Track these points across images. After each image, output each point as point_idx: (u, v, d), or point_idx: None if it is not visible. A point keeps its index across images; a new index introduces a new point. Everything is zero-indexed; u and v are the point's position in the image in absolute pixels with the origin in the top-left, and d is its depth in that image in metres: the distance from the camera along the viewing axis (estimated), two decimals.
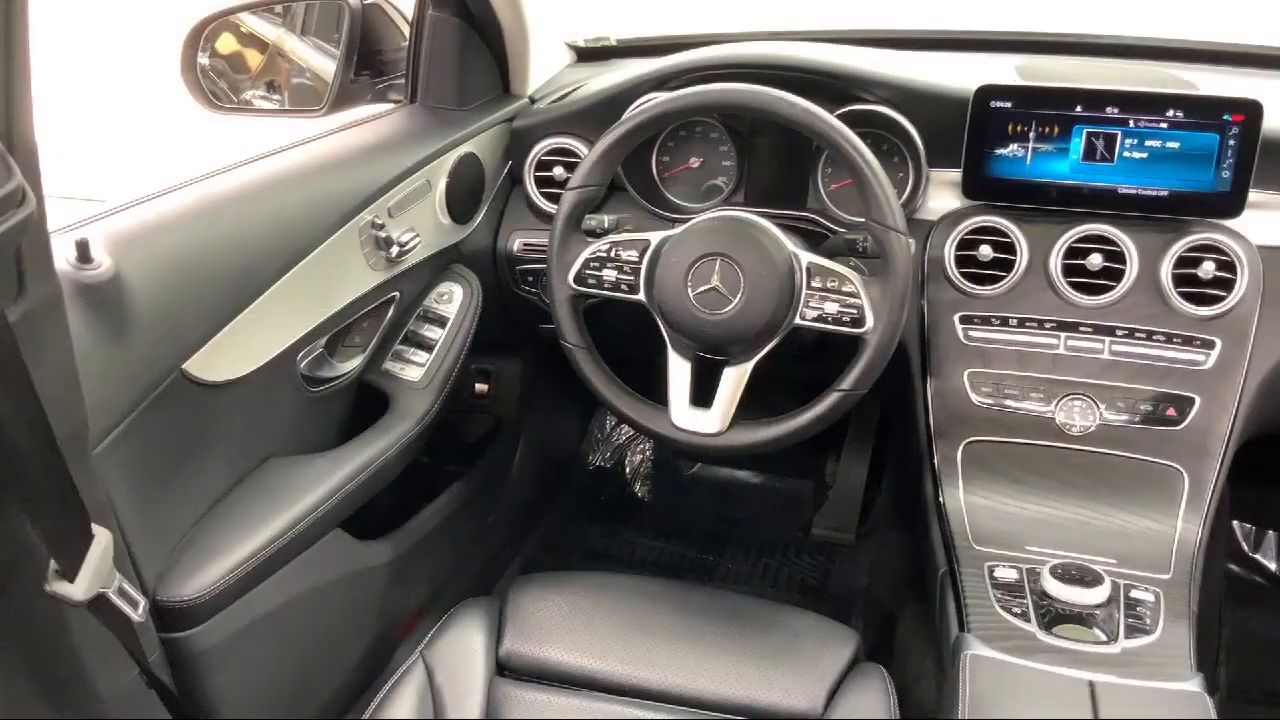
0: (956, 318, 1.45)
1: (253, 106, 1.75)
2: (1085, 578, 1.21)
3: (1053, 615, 1.18)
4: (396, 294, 1.51)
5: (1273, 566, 2.16)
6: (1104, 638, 1.14)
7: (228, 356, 1.18)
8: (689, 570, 2.18)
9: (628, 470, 2.46)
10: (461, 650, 1.26)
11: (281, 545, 1.23)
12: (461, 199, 1.59)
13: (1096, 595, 1.18)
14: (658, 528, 2.31)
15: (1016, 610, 1.19)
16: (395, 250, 1.43)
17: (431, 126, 1.57)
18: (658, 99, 1.34)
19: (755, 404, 1.33)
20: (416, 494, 1.69)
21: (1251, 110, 1.32)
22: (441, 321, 1.57)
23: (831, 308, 1.27)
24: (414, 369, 1.53)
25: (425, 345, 1.55)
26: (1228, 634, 1.93)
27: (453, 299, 1.60)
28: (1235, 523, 2.18)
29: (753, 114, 1.37)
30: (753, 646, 1.27)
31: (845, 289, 1.26)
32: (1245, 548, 2.17)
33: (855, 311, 1.25)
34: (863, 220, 1.27)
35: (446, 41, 1.59)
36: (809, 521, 2.29)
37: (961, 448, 1.41)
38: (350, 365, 1.45)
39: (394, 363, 1.54)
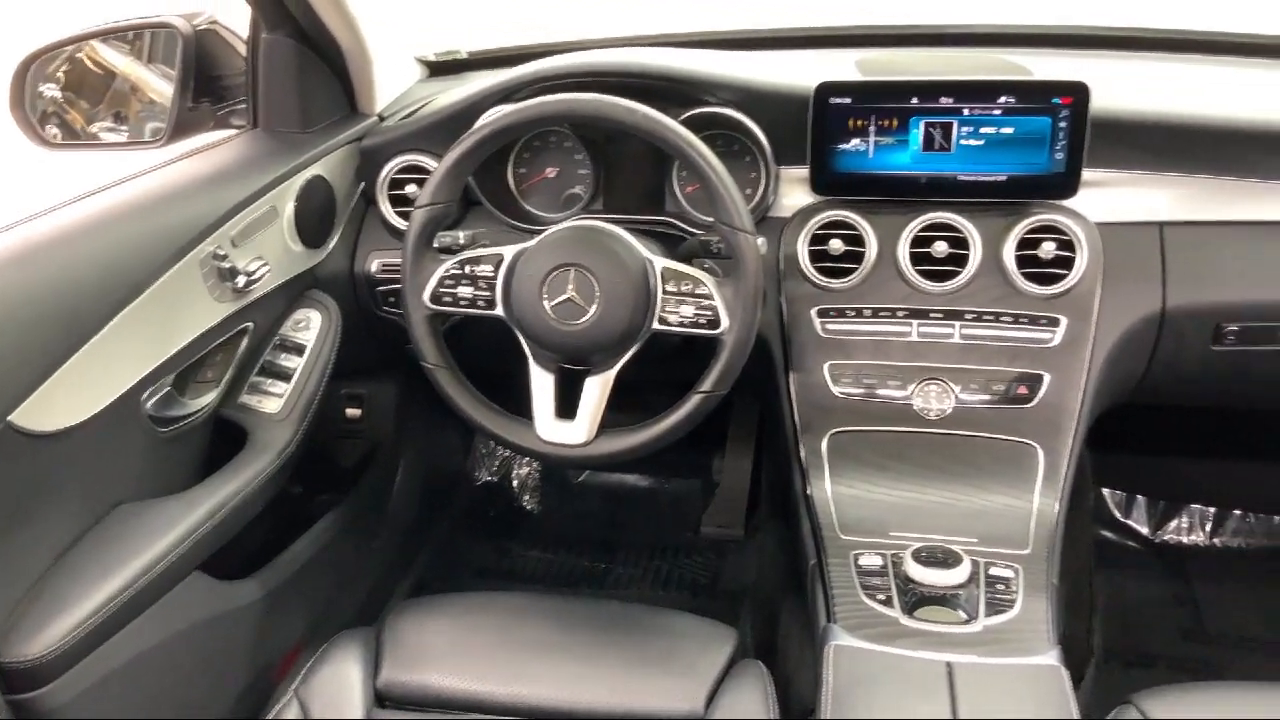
0: (814, 312, 1.47)
1: (95, 140, 1.69)
2: (946, 559, 1.23)
3: (916, 599, 1.20)
4: (250, 325, 1.47)
5: (1144, 530, 2.23)
6: (965, 617, 1.17)
7: (61, 403, 1.14)
8: (580, 579, 2.18)
9: (515, 483, 2.45)
10: (337, 684, 1.23)
11: (134, 594, 1.19)
12: (312, 223, 1.56)
13: (957, 575, 1.21)
14: (548, 539, 2.30)
15: (881, 597, 1.21)
16: (242, 280, 1.40)
17: (274, 151, 1.53)
18: (502, 112, 1.33)
19: (636, 407, 1.33)
20: (288, 527, 1.65)
21: (1079, 92, 1.36)
22: (299, 350, 1.54)
23: (687, 311, 1.27)
24: (272, 400, 1.49)
25: (283, 375, 1.51)
26: (1101, 600, 1.99)
27: (310, 326, 1.56)
28: (1105, 490, 2.25)
29: (596, 123, 1.36)
30: (633, 653, 1.27)
31: (699, 291, 1.27)
32: (1116, 514, 2.24)
33: (710, 313, 1.26)
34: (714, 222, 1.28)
35: (284, 64, 1.55)
36: (698, 521, 2.30)
37: (826, 439, 1.43)
38: (203, 401, 1.41)
39: (251, 395, 1.50)
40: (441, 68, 1.91)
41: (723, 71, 1.52)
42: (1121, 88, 1.57)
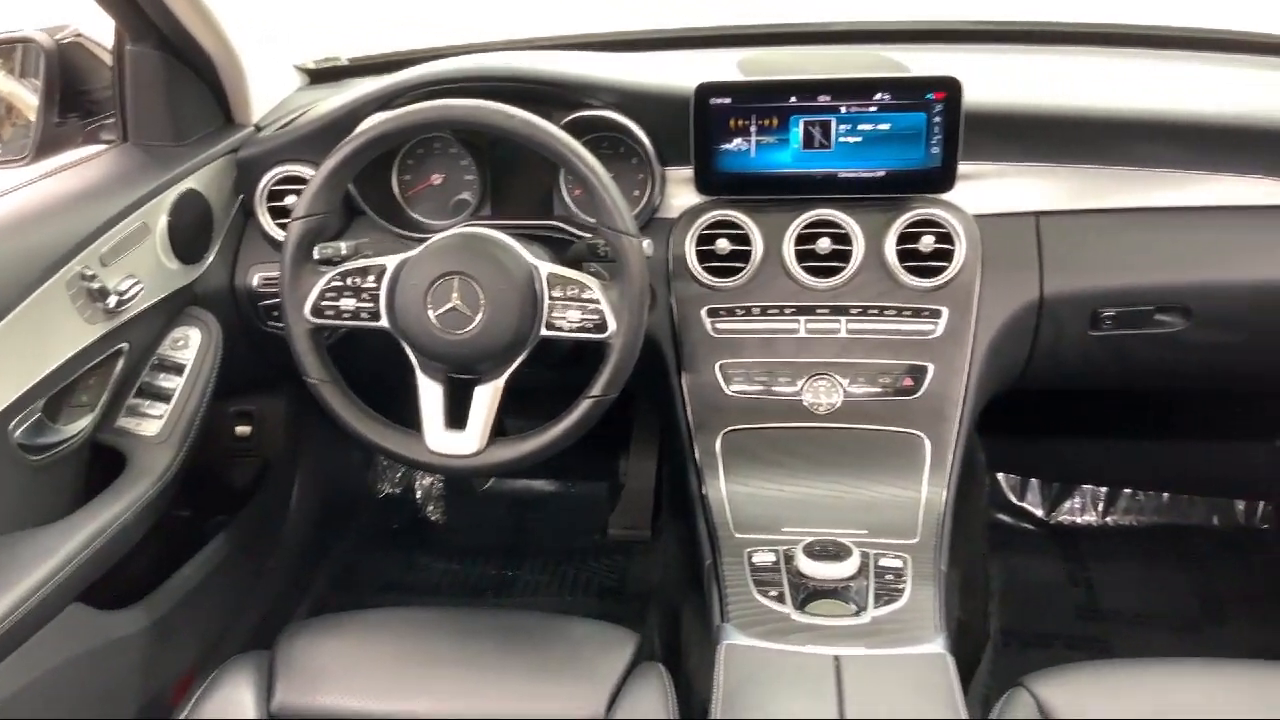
0: (704, 312, 1.47)
1: None
2: (837, 552, 1.24)
3: (808, 594, 1.21)
4: (124, 345, 1.42)
5: (1039, 513, 2.29)
6: (855, 609, 1.18)
7: None
8: (487, 589, 2.16)
9: (419, 495, 2.41)
10: (229, 710, 1.19)
11: (9, 628, 1.14)
12: (187, 238, 1.51)
13: (847, 568, 1.22)
14: (454, 549, 2.28)
15: (773, 593, 1.21)
16: (114, 300, 1.35)
17: (145, 165, 1.49)
18: (378, 120, 1.31)
19: (539, 413, 1.32)
20: (176, 551, 1.60)
21: (951, 87, 1.39)
22: (178, 369, 1.49)
23: (574, 315, 1.26)
24: (151, 422, 1.45)
25: (162, 396, 1.47)
26: (997, 584, 2.04)
27: (189, 344, 1.52)
28: (1000, 475, 2.30)
29: (475, 129, 1.35)
30: (533, 661, 1.25)
31: (585, 296, 1.26)
32: (1012, 498, 2.29)
33: (597, 317, 1.26)
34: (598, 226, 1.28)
35: (152, 76, 1.51)
36: (605, 523, 2.29)
37: (720, 438, 1.44)
38: (78, 426, 1.36)
39: (129, 418, 1.45)
40: (321, 75, 1.88)
41: (603, 74, 1.52)
42: (995, 81, 1.61)
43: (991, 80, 1.61)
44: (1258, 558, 2.15)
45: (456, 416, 1.30)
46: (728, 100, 1.42)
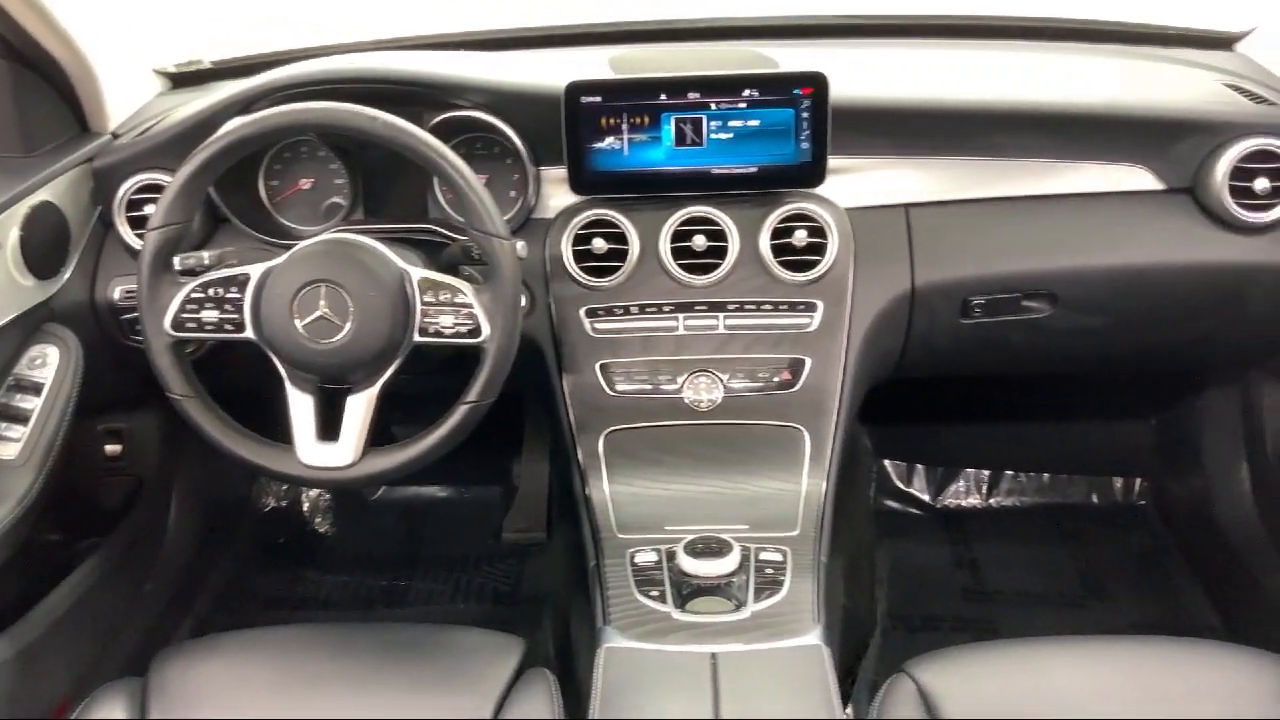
0: (582, 312, 1.46)
1: None
2: (718, 549, 1.24)
3: (689, 592, 1.21)
4: None
5: (926, 497, 2.33)
6: (735, 605, 1.19)
7: None
8: (378, 600, 2.12)
9: (305, 507, 2.36)
10: None
11: None
12: (41, 253, 1.45)
13: (727, 564, 1.22)
14: (344, 561, 2.23)
15: (655, 593, 1.21)
16: None
17: None
18: (234, 126, 1.27)
19: (425, 418, 1.29)
20: (43, 577, 1.54)
21: (818, 83, 1.40)
22: (36, 389, 1.43)
23: (447, 320, 1.24)
24: (8, 445, 1.38)
25: (19, 418, 1.40)
26: (885, 569, 2.07)
27: (47, 362, 1.46)
28: (887, 462, 2.34)
29: (335, 133, 1.32)
30: (416, 675, 1.23)
31: (458, 300, 1.24)
32: (899, 484, 2.33)
33: (471, 322, 1.24)
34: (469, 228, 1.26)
35: None
36: (499, 527, 2.27)
37: (603, 439, 1.43)
38: None
39: None
40: (183, 79, 1.82)
41: (472, 74, 1.50)
42: (865, 76, 1.63)
43: (861, 75, 1.63)
44: (1136, 534, 2.23)
45: (330, 428, 1.27)
46: (598, 98, 1.42)
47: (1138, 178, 1.53)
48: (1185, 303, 1.55)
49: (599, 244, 1.45)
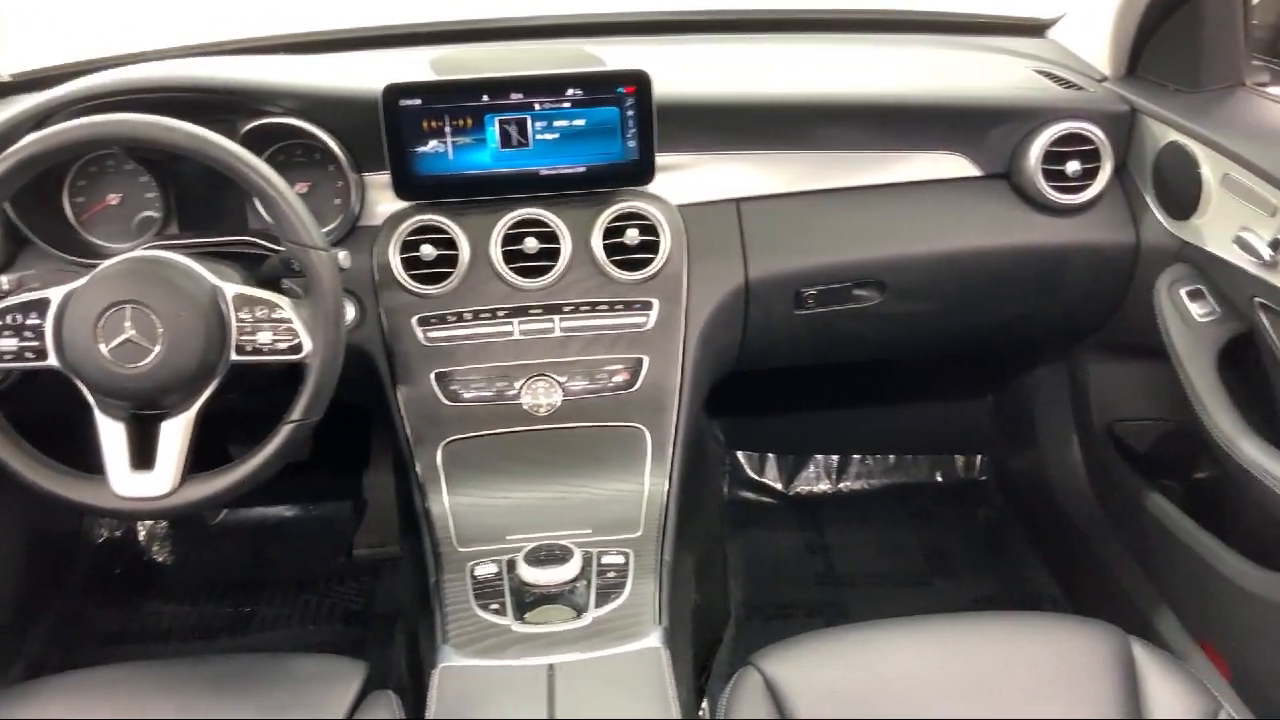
0: (414, 320, 1.43)
1: None
2: (560, 555, 1.23)
3: (530, 601, 1.19)
4: None
5: (778, 486, 2.36)
6: (576, 612, 1.17)
7: None
8: (222, 629, 2.03)
9: (143, 535, 2.25)
10: None
11: None
12: None
13: (568, 571, 1.20)
14: (186, 590, 2.13)
15: (495, 606, 1.19)
16: None
17: None
18: (26, 142, 1.19)
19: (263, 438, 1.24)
20: None
21: (641, 81, 1.39)
22: None
23: (265, 337, 1.19)
24: None
25: None
26: (739, 561, 2.09)
27: None
28: (740, 454, 2.36)
29: (135, 145, 1.25)
30: (255, 707, 1.18)
31: (276, 315, 1.19)
32: (752, 475, 2.36)
33: (291, 337, 1.19)
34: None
35: None
36: (351, 543, 2.21)
37: (440, 450, 1.40)
38: None
39: None
40: None
41: (283, 79, 1.44)
42: (690, 72, 1.63)
43: (688, 71, 1.63)
44: (979, 509, 2.30)
45: (147, 456, 1.21)
46: (418, 101, 1.38)
47: (957, 165, 1.58)
48: (1007, 284, 1.60)
49: (427, 250, 1.41)
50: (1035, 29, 1.88)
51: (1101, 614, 1.31)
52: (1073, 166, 1.52)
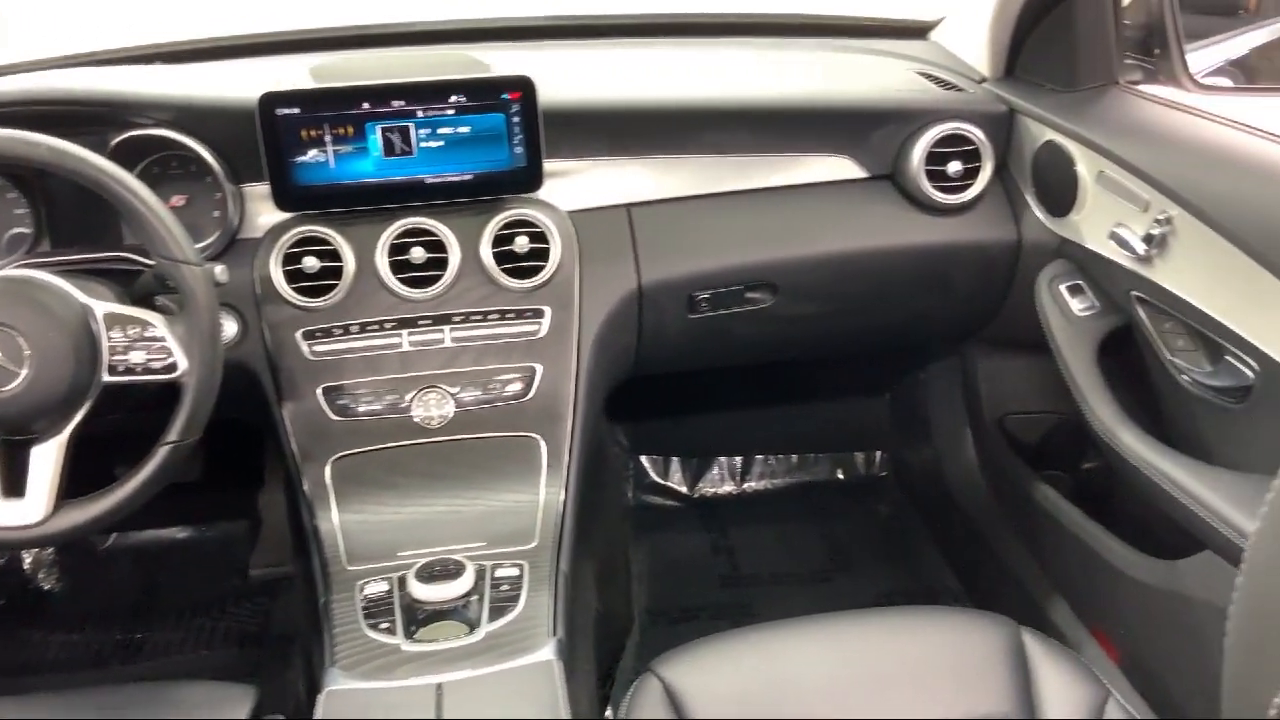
0: (299, 335, 1.39)
1: None
2: (453, 570, 1.20)
3: (421, 619, 1.16)
4: None
5: (683, 489, 2.36)
6: (467, 629, 1.15)
7: None
8: (112, 657, 1.96)
9: (27, 564, 2.16)
10: None
11: None
12: None
13: (461, 586, 1.18)
14: (74, 618, 2.05)
15: (384, 625, 1.16)
16: None
17: None
18: None
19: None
20: None
21: (525, 87, 1.38)
22: None
23: (139, 357, 1.15)
24: None
25: None
26: (644, 566, 2.08)
27: None
28: (644, 458, 2.36)
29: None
30: None
31: (150, 334, 1.16)
32: (656, 479, 2.36)
33: (165, 356, 1.15)
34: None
35: None
36: (246, 564, 2.15)
37: (329, 466, 1.36)
38: None
39: None
40: None
41: (155, 90, 1.40)
42: (577, 78, 1.62)
43: (575, 77, 1.63)
44: (879, 505, 2.33)
45: (15, 483, 1.16)
46: (296, 110, 1.35)
47: (844, 167, 1.59)
48: (895, 283, 1.63)
49: (310, 262, 1.38)
50: (917, 31, 1.92)
51: (998, 605, 1.33)
52: (954, 167, 1.54)
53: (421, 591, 1.18)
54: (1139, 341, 1.43)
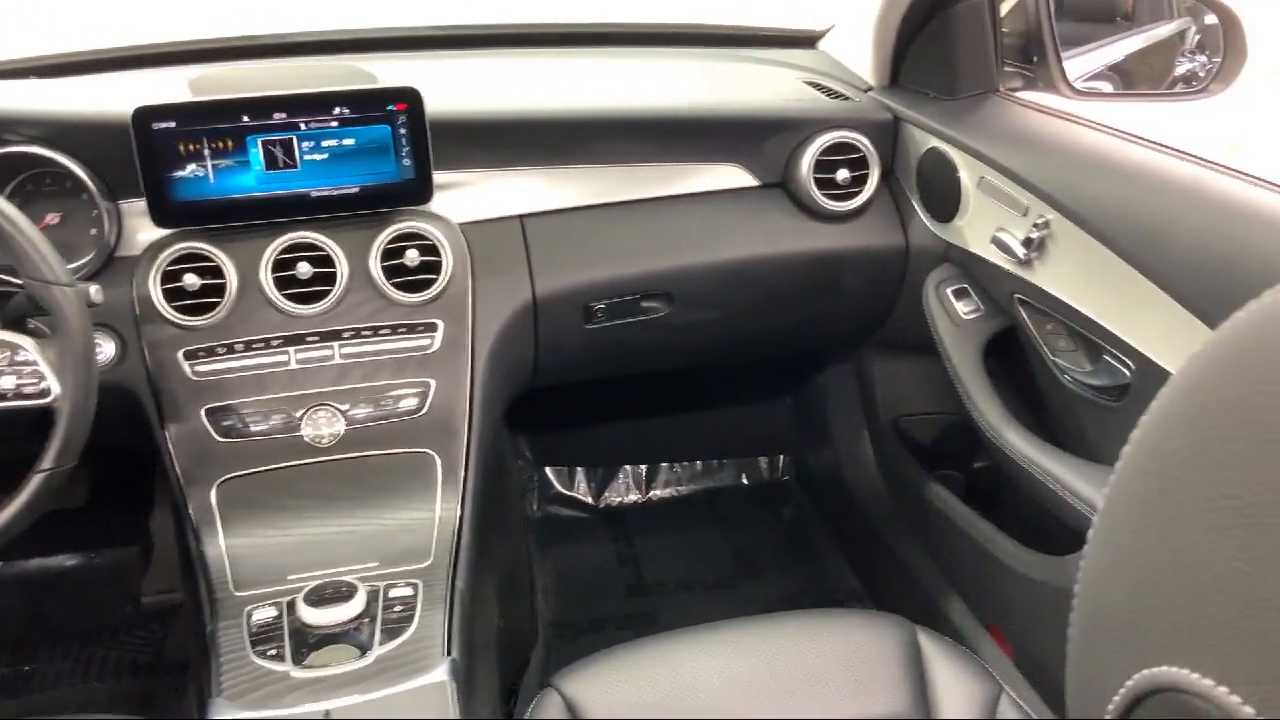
0: (180, 355, 1.35)
1: None
2: (345, 593, 1.18)
3: (310, 644, 1.14)
4: None
5: (589, 500, 2.36)
6: (358, 652, 1.13)
7: None
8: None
9: None
10: None
11: None
12: None
13: (352, 608, 1.16)
14: None
15: (272, 652, 1.13)
16: None
17: None
18: None
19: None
20: None
21: (411, 98, 1.36)
22: None
23: (9, 382, 1.11)
24: None
25: None
26: (549, 578, 2.07)
27: None
28: (549, 470, 2.35)
29: None
30: None
31: (20, 358, 1.11)
32: (561, 490, 2.35)
33: (37, 380, 1.11)
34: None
35: None
36: (139, 591, 2.08)
37: (215, 490, 1.33)
38: None
39: None
40: None
41: (23, 105, 1.35)
42: (467, 88, 1.61)
43: (464, 87, 1.61)
44: (783, 509, 2.36)
45: None
46: (172, 124, 1.31)
47: (736, 176, 1.61)
48: (788, 290, 1.64)
49: (191, 280, 1.34)
50: (806, 41, 1.94)
51: (898, 605, 1.35)
52: (842, 174, 1.57)
53: (311, 615, 1.15)
54: (1023, 343, 1.47)
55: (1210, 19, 1.57)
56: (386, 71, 1.48)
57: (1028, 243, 1.36)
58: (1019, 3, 1.60)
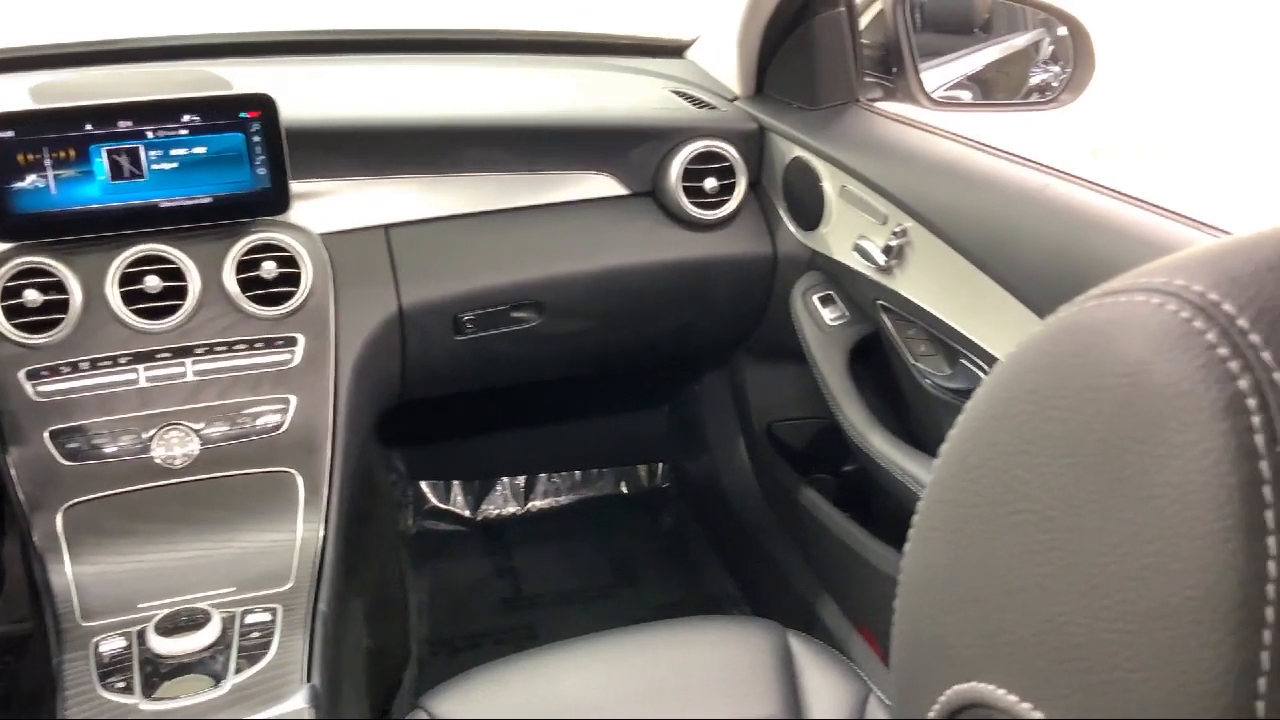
0: (22, 375, 1.28)
1: None
2: (199, 621, 1.13)
3: (162, 675, 1.09)
4: None
5: (466, 513, 2.32)
6: (212, 682, 1.08)
7: None
8: None
9: None
10: None
11: None
12: None
13: (206, 636, 1.11)
14: None
15: (120, 684, 1.08)
16: None
17: None
18: None
19: None
20: None
21: (265, 105, 1.32)
22: None
23: None
24: None
25: None
26: (423, 595, 2.03)
27: None
28: (423, 483, 2.30)
29: None
30: None
31: None
32: (437, 504, 2.31)
33: None
34: None
35: None
36: None
37: (60, 515, 1.26)
38: None
39: None
40: None
41: None
42: (328, 95, 1.57)
43: (323, 94, 1.57)
44: (662, 517, 2.36)
45: None
46: (10, 133, 1.24)
47: (605, 185, 1.60)
48: (659, 298, 1.64)
49: (32, 296, 1.27)
50: (674, 50, 1.95)
51: (774, 610, 1.36)
52: (710, 183, 1.58)
53: (161, 645, 1.10)
54: (886, 348, 1.49)
55: (1062, 30, 1.62)
56: (242, 78, 1.43)
57: (887, 250, 1.39)
58: (879, 15, 1.64)
